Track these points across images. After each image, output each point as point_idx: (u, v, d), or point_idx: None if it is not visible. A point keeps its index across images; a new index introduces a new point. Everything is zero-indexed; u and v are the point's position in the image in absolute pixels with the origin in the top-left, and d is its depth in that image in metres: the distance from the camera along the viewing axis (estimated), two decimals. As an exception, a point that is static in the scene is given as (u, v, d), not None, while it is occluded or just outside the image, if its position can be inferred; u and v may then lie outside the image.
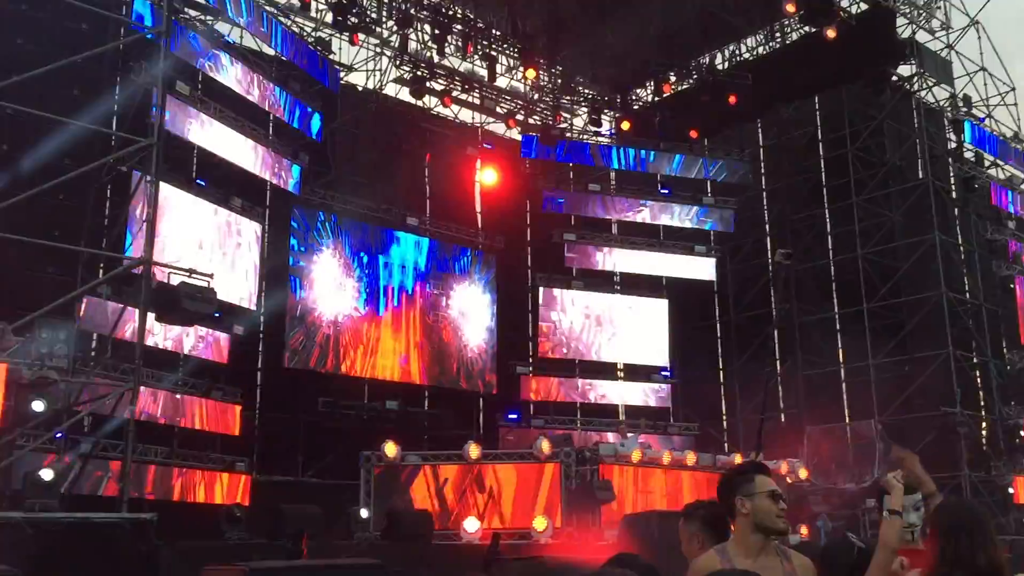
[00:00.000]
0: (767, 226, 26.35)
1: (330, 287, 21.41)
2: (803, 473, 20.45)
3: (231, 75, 18.68)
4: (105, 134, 13.92)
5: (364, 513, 16.03)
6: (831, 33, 20.82)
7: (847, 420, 23.18)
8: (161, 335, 16.43)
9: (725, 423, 26.17)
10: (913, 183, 22.78)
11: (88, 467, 14.18)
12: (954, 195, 23.61)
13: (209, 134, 18.17)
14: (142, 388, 15.29)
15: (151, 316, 13.16)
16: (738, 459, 17.07)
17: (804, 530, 18.59)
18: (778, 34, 23.80)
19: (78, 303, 12.03)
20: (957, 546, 3.29)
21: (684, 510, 3.87)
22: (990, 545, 3.34)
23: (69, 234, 12.76)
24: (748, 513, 3.42)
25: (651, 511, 15.25)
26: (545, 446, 17.59)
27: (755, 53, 24.41)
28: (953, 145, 23.38)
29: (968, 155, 23.35)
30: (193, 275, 13.01)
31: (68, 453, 12.89)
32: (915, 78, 22.86)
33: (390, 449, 17.12)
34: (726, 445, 24.67)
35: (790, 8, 20.66)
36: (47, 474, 10.18)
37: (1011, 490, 21.24)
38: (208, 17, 19.00)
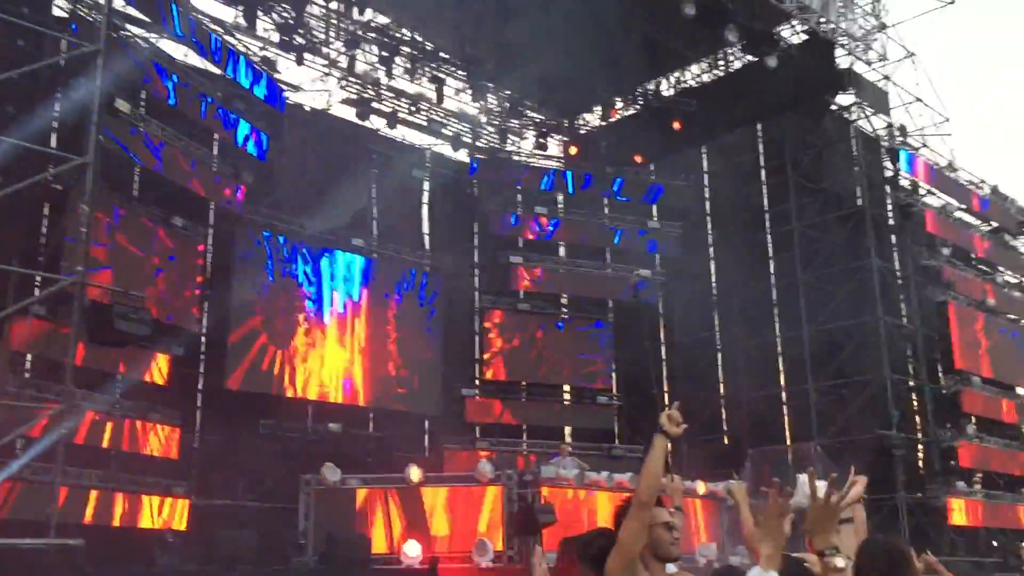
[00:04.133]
0: (711, 249, 26.71)
1: (274, 307, 21.23)
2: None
3: (174, 93, 18.50)
4: (40, 152, 13.68)
5: (301, 539, 15.82)
6: (772, 62, 21.26)
7: (788, 442, 23.51)
8: (96, 356, 16.08)
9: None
10: (851, 209, 23.30)
11: (19, 492, 13.88)
12: (891, 222, 24.16)
13: (150, 152, 17.95)
14: (76, 410, 15.03)
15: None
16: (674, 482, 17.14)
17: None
18: (721, 62, 24.23)
19: (8, 323, 11.77)
20: None
21: (577, 546, 3.95)
22: None
23: (1, 253, 12.50)
24: (647, 544, 3.57)
25: (585, 533, 15.23)
26: (487, 469, 17.54)
27: (699, 80, 24.83)
28: (890, 173, 23.97)
29: (904, 183, 23.96)
30: (128, 295, 12.84)
31: (-5, 477, 12.56)
32: (853, 107, 23.43)
33: (330, 472, 16.93)
34: (669, 467, 24.81)
35: (732, 37, 21.05)
36: None
37: (945, 511, 21.68)
38: (151, 35, 18.81)
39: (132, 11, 17.89)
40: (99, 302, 12.64)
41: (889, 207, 24.23)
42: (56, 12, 16.34)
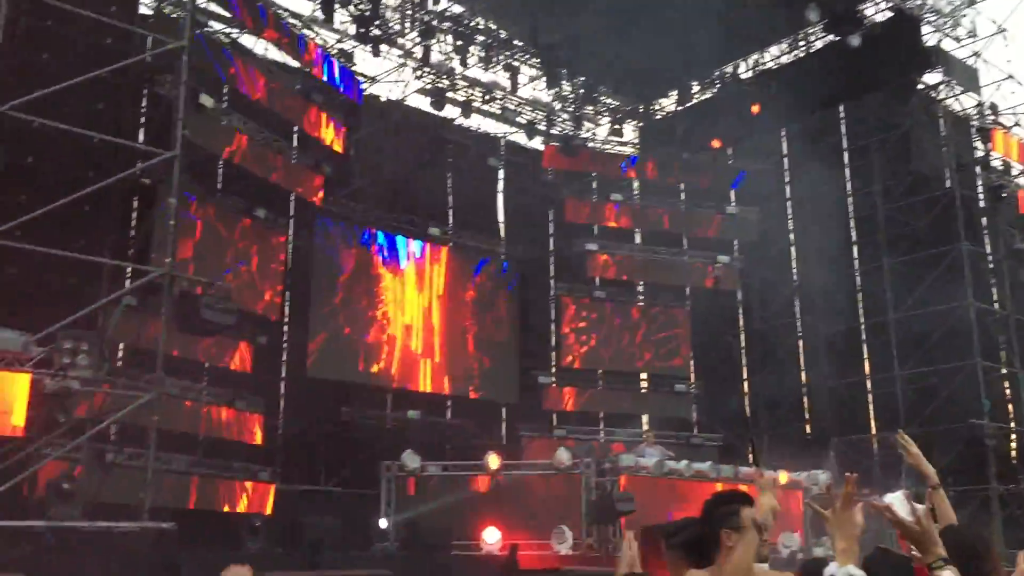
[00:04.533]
0: (791, 235, 26.16)
1: (354, 296, 21.54)
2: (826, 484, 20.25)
3: (255, 87, 18.86)
4: (129, 147, 14.09)
5: (383, 523, 16.06)
6: (855, 41, 20.68)
7: (873, 431, 22.94)
8: (185, 345, 16.53)
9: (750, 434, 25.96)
10: (939, 192, 22.53)
11: (112, 476, 14.39)
12: (982, 204, 23.31)
13: (233, 146, 18.35)
14: (166, 398, 15.50)
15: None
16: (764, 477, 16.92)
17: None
18: (802, 43, 23.66)
19: (101, 314, 12.18)
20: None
21: (665, 534, 3.88)
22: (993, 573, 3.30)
23: (93, 246, 12.93)
24: (733, 546, 3.44)
25: (671, 522, 15.13)
26: (565, 456, 17.57)
27: (779, 62, 24.29)
28: (980, 153, 23.13)
29: (995, 163, 23.10)
30: (215, 285, 13.16)
31: (92, 462, 13.04)
32: (941, 86, 22.64)
33: (410, 459, 17.17)
34: (750, 456, 24.46)
35: (813, 16, 20.54)
36: (62, 416, 10.35)
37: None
38: (233, 30, 19.21)
39: (215, 7, 18.31)
40: (187, 292, 12.99)
41: (980, 189, 23.37)
42: (142, 10, 16.76)
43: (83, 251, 12.54)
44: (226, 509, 16.98)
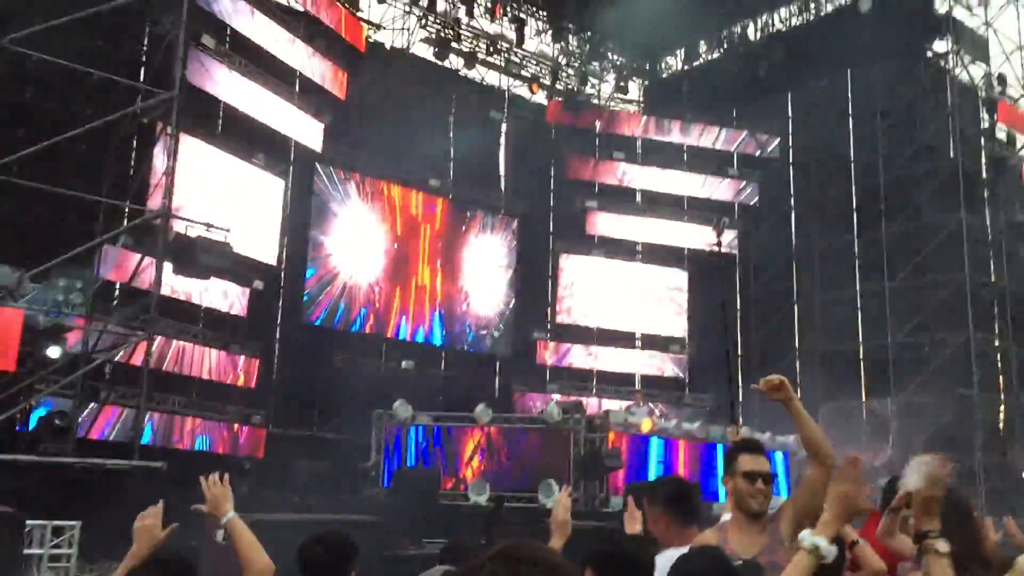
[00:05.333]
0: (792, 200, 26.09)
1: (351, 245, 21.52)
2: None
3: (258, 29, 18.64)
4: (128, 86, 13.99)
5: (371, 471, 16.22)
6: (865, 6, 20.46)
7: (863, 398, 23.08)
8: (182, 286, 16.56)
9: (741, 396, 26.11)
10: (943, 163, 22.42)
11: (108, 415, 14.54)
12: (984, 176, 23.22)
13: (234, 89, 18.19)
14: (162, 338, 15.57)
15: (169, 267, 13.35)
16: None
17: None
18: (812, 5, 23.41)
19: (97, 253, 12.19)
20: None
21: (648, 489, 3.92)
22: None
23: (91, 184, 12.89)
24: (730, 492, 3.48)
25: (656, 480, 15.30)
26: (555, 412, 17.69)
27: (788, 24, 24.04)
28: (986, 124, 22.98)
29: (1000, 135, 22.96)
30: (211, 229, 13.16)
31: (84, 400, 13.15)
32: (951, 55, 22.43)
33: (402, 408, 17.29)
34: (740, 418, 24.64)
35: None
36: (55, 352, 10.45)
37: (1024, 476, 21.13)
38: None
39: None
40: (183, 235, 12.96)
41: (983, 161, 23.26)
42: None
43: (80, 189, 12.51)
44: (219, 451, 17.17)
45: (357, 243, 21.67)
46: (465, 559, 3.91)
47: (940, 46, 22.38)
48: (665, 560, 3.56)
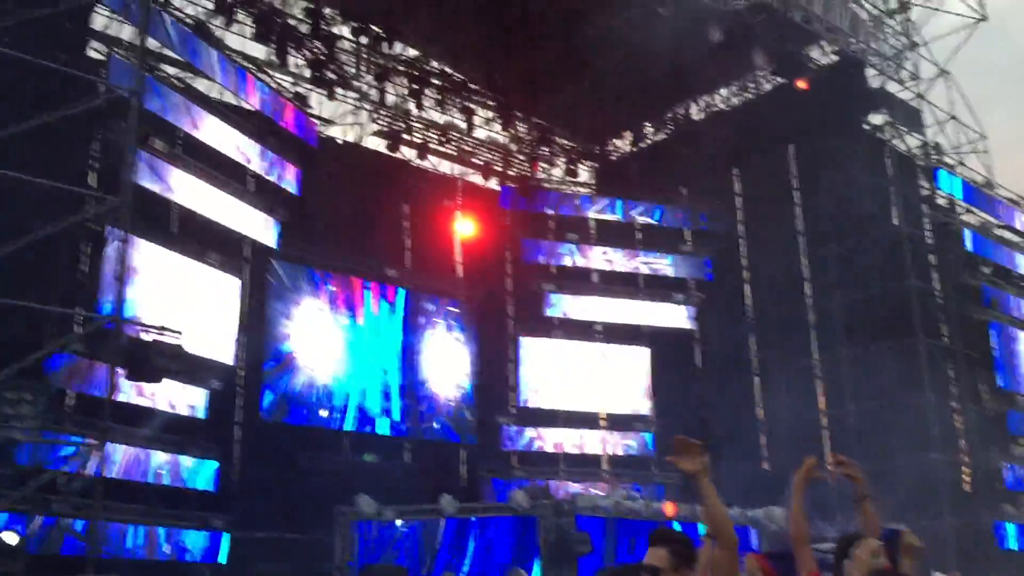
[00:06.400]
0: (744, 273, 26.49)
1: (310, 341, 21.38)
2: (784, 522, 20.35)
3: (210, 131, 18.80)
4: (76, 192, 13.99)
5: (336, 572, 15.85)
6: (802, 84, 21.19)
7: (829, 468, 23.09)
8: (134, 392, 16.30)
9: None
10: (887, 230, 22.97)
11: (60, 527, 14.11)
12: (929, 242, 23.80)
13: (187, 190, 18.24)
14: (117, 445, 15.24)
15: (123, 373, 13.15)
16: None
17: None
18: (751, 85, 24.18)
19: (46, 362, 12.01)
20: None
21: (652, 539, 3.98)
22: None
23: (39, 293, 12.77)
24: None
25: (625, 564, 15.10)
26: (522, 498, 17.50)
27: (730, 104, 24.78)
28: (926, 192, 23.67)
29: (941, 202, 23.65)
30: (164, 332, 13.04)
31: (37, 514, 12.77)
32: (886, 127, 23.20)
33: (366, 504, 17.00)
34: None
35: (760, 60, 21.02)
36: (10, 538, 10.06)
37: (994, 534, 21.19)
38: (186, 74, 19.18)
39: (167, 52, 18.26)
40: (136, 339, 12.84)
41: (927, 227, 23.87)
42: (91, 54, 16.71)
43: (29, 299, 12.38)
44: (180, 559, 16.68)
45: (317, 337, 21.54)
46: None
47: (876, 119, 23.16)
48: None
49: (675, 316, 26.04)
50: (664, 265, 26.07)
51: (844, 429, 22.67)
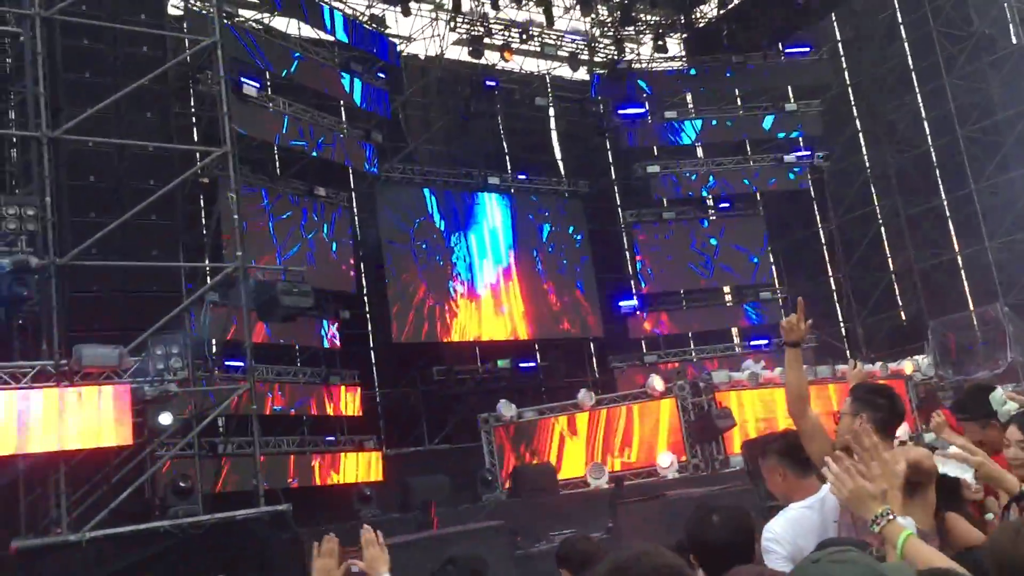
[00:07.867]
0: (857, 121, 25.30)
1: (425, 260, 21.67)
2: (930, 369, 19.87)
3: (295, 68, 18.94)
4: (182, 150, 14.37)
5: (488, 475, 16.35)
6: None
7: (970, 307, 22.27)
8: (271, 332, 16.96)
9: (844, 330, 25.51)
10: (1006, 50, 21.43)
11: (228, 467, 15.03)
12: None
13: (283, 130, 18.52)
14: (263, 384, 15.98)
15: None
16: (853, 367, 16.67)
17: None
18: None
19: (185, 315, 12.54)
20: None
21: (761, 447, 3.94)
22: None
23: (167, 251, 13.28)
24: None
25: (768, 434, 15.08)
26: (658, 383, 17.57)
27: (819, -56, 23.25)
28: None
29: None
30: (289, 270, 13.42)
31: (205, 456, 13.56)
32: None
33: (506, 408, 17.40)
34: (847, 352, 24.07)
35: None
36: (166, 419, 10.86)
37: None
38: (263, 15, 19.28)
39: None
40: (262, 281, 13.23)
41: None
42: (172, 11, 16.93)
43: (158, 259, 12.89)
44: (338, 481, 17.54)
45: (431, 257, 21.80)
46: (579, 560, 3.92)
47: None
48: (785, 520, 3.50)
49: (787, 176, 25.15)
50: (770, 124, 25.08)
51: (983, 266, 21.76)
